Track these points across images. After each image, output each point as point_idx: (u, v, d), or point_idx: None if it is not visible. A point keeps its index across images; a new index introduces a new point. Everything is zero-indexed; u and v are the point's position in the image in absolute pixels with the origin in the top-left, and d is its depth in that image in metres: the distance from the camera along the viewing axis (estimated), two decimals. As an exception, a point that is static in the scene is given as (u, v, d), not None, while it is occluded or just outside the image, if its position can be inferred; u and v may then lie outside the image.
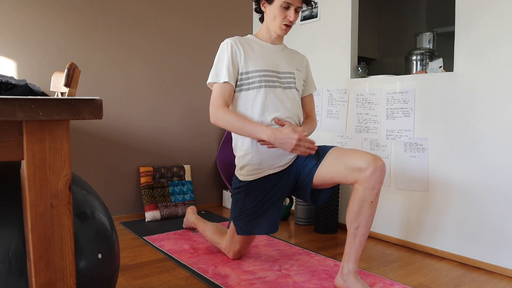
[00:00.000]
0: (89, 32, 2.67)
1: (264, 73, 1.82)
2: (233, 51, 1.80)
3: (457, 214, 2.14)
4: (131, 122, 2.87)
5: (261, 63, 1.83)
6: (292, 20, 1.81)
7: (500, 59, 1.97)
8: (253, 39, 1.92)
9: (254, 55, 1.84)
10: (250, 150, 1.83)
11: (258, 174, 1.86)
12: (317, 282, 1.81)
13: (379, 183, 1.63)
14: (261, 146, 1.79)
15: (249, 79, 1.81)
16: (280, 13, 1.80)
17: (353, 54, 2.71)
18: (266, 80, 1.81)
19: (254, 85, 1.80)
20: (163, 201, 2.92)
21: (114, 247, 1.11)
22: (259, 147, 1.80)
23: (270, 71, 1.83)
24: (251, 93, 1.80)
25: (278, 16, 1.81)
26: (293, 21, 1.82)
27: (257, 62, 1.83)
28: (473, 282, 1.86)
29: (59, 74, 1.69)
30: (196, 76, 3.18)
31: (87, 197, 1.10)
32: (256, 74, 1.81)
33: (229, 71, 1.78)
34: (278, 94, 1.83)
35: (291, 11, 1.79)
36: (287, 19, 1.81)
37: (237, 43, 1.83)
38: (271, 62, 1.86)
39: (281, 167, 1.85)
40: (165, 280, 1.82)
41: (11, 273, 0.87)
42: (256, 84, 1.80)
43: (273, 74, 1.84)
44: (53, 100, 0.71)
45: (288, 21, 1.81)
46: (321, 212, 2.60)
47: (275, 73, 1.85)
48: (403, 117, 2.36)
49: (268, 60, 1.85)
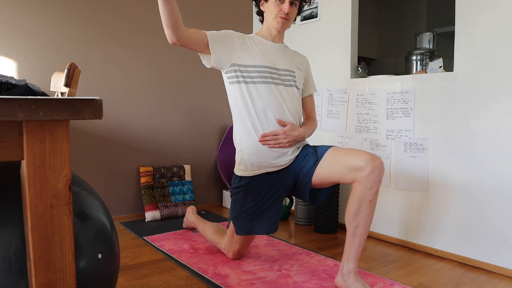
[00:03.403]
0: (89, 32, 2.67)
1: (265, 69, 1.83)
2: (231, 35, 1.83)
3: (457, 214, 2.14)
4: (131, 122, 2.87)
5: (262, 59, 1.85)
6: (287, 12, 1.82)
7: (500, 59, 1.97)
8: (255, 36, 1.93)
9: (255, 51, 1.86)
10: (247, 145, 1.84)
11: (256, 171, 1.86)
12: (317, 282, 1.81)
13: (378, 182, 1.63)
14: (258, 140, 1.82)
15: (249, 72, 1.82)
16: (275, 7, 1.83)
17: (353, 54, 2.71)
18: (266, 76, 1.82)
19: (255, 79, 1.81)
20: (163, 201, 2.92)
21: (114, 247, 1.11)
22: (256, 143, 1.82)
23: (271, 68, 1.85)
24: (252, 87, 1.81)
25: (274, 10, 1.84)
26: (288, 13, 1.83)
27: (258, 57, 1.84)
28: (473, 282, 1.87)
29: (59, 74, 1.69)
30: (196, 76, 3.18)
31: (87, 197, 1.10)
32: (257, 69, 1.82)
33: (215, 36, 1.78)
34: (279, 91, 1.84)
35: (286, 3, 1.82)
36: (282, 11, 1.82)
37: (239, 35, 1.87)
38: (271, 59, 1.87)
39: (280, 167, 1.86)
40: (165, 280, 1.82)
41: (11, 273, 0.87)
42: (257, 79, 1.81)
43: (273, 71, 1.85)
44: (53, 100, 0.71)
45: (283, 13, 1.82)
46: (321, 212, 2.60)
47: (275, 69, 1.86)
48: (403, 117, 2.36)
49: (268, 56, 1.87)
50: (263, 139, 1.81)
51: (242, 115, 1.84)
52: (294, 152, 1.87)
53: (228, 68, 1.82)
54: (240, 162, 1.89)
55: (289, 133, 1.81)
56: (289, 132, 1.81)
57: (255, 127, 1.82)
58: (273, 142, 1.80)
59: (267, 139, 1.80)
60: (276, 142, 1.80)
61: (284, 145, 1.81)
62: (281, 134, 1.80)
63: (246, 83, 1.82)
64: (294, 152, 1.87)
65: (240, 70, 1.82)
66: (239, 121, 1.86)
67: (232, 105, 1.89)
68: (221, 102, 3.32)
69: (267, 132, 1.81)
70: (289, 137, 1.81)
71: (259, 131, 1.82)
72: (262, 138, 1.81)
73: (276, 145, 1.80)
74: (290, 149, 1.85)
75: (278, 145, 1.81)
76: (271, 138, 1.80)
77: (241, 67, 1.82)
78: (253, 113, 1.81)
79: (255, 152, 1.83)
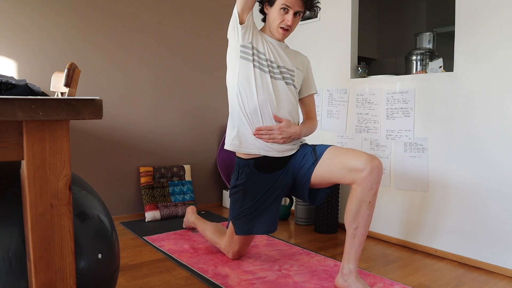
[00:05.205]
0: (89, 32, 2.67)
1: (269, 63, 1.85)
2: (252, 20, 1.85)
3: (457, 214, 2.14)
4: (131, 122, 2.87)
5: (268, 53, 1.86)
6: (290, 24, 1.81)
7: (500, 59, 1.97)
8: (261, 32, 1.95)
9: (263, 44, 1.87)
10: (238, 123, 1.86)
11: (250, 150, 1.85)
12: (317, 282, 1.81)
13: (377, 183, 1.63)
14: (250, 122, 1.83)
15: (260, 59, 1.83)
16: (279, 16, 1.82)
17: (353, 54, 2.71)
18: (270, 71, 1.84)
19: (264, 68, 1.82)
20: (163, 201, 2.92)
21: (114, 247, 1.11)
22: (246, 123, 1.84)
23: (272, 62, 1.86)
24: (258, 73, 1.82)
25: (276, 18, 1.83)
26: (291, 25, 1.83)
27: (265, 50, 1.86)
28: (473, 282, 1.87)
29: (59, 74, 1.69)
30: (196, 76, 3.18)
31: (87, 197, 1.10)
32: (265, 59, 1.84)
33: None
34: (279, 86, 1.85)
35: (290, 14, 1.80)
36: (284, 22, 1.82)
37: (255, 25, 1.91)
38: (274, 56, 1.88)
39: (279, 154, 1.85)
40: (165, 280, 1.82)
41: (11, 273, 0.87)
42: (265, 68, 1.82)
43: (275, 65, 1.86)
44: (53, 100, 0.71)
45: (286, 24, 1.82)
46: (321, 212, 2.60)
47: (277, 66, 1.87)
48: (403, 117, 2.36)
49: (272, 52, 1.88)
50: (258, 133, 1.82)
51: (243, 88, 1.83)
52: (293, 146, 1.88)
53: (247, 43, 1.82)
54: (234, 137, 1.87)
55: (284, 129, 1.82)
56: (285, 129, 1.82)
57: (252, 118, 1.84)
58: (267, 137, 1.82)
59: (262, 133, 1.82)
60: (270, 137, 1.81)
61: (278, 140, 1.82)
62: (276, 130, 1.81)
63: (253, 65, 1.82)
64: (294, 146, 1.88)
65: (256, 54, 1.83)
66: (237, 94, 1.86)
67: (232, 78, 1.87)
68: (221, 102, 3.32)
69: (262, 126, 1.82)
70: (284, 133, 1.82)
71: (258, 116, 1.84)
72: (256, 131, 1.82)
73: (270, 139, 1.82)
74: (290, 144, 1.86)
75: (272, 140, 1.82)
76: (266, 132, 1.82)
77: (255, 51, 1.83)
78: (251, 99, 1.82)
79: (242, 129, 1.85)
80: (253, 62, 1.82)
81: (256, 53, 1.83)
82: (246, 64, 1.83)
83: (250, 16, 1.81)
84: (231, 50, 1.88)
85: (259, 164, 1.87)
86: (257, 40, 1.85)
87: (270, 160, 1.86)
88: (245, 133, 1.85)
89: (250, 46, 1.83)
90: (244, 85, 1.83)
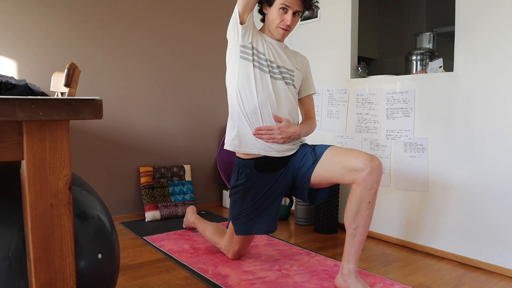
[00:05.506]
0: (89, 32, 2.67)
1: (269, 63, 1.85)
2: (252, 21, 1.86)
3: (457, 214, 2.14)
4: (131, 122, 2.87)
5: (267, 53, 1.86)
6: (289, 24, 1.82)
7: (500, 59, 1.97)
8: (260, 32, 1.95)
9: (263, 44, 1.87)
10: (237, 122, 1.86)
11: (250, 150, 1.85)
12: (317, 282, 1.81)
13: (377, 183, 1.63)
14: (249, 122, 1.83)
15: (260, 60, 1.83)
16: (278, 16, 1.82)
17: (353, 54, 2.71)
18: (269, 70, 1.84)
19: (264, 68, 1.82)
20: (163, 201, 2.92)
21: (114, 247, 1.11)
22: (245, 123, 1.84)
23: (272, 62, 1.86)
24: (257, 72, 1.82)
25: (276, 18, 1.83)
26: (290, 25, 1.83)
27: (264, 50, 1.86)
28: (473, 282, 1.87)
29: (59, 74, 1.69)
30: (196, 76, 3.18)
31: (87, 197, 1.10)
32: (264, 59, 1.84)
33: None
34: (278, 86, 1.85)
35: (289, 14, 1.81)
36: (283, 22, 1.82)
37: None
38: (274, 56, 1.88)
39: (279, 154, 1.86)
40: (165, 280, 1.82)
41: (11, 273, 0.87)
42: (265, 68, 1.83)
43: (274, 65, 1.86)
44: (53, 100, 0.71)
45: (285, 24, 1.82)
46: (321, 212, 2.60)
47: (277, 66, 1.87)
48: (403, 117, 2.36)
49: (272, 53, 1.88)
50: (257, 133, 1.82)
51: (243, 88, 1.83)
52: (293, 145, 1.88)
53: (247, 43, 1.83)
54: (234, 137, 1.87)
55: (284, 129, 1.82)
56: (284, 129, 1.82)
57: (252, 116, 1.84)
58: (267, 137, 1.82)
59: (262, 133, 1.82)
60: (270, 137, 1.81)
61: (278, 140, 1.82)
62: (276, 130, 1.81)
63: (254, 67, 1.83)
64: (294, 146, 1.88)
65: (256, 54, 1.83)
66: (237, 95, 1.86)
67: (232, 78, 1.87)
68: (221, 102, 3.32)
69: (262, 126, 1.82)
70: (283, 133, 1.82)
71: (258, 117, 1.83)
72: (256, 131, 1.82)
73: (270, 139, 1.82)
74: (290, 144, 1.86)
75: (272, 140, 1.82)
76: (265, 132, 1.82)
77: (255, 51, 1.84)
78: (251, 99, 1.82)
79: (242, 128, 1.85)
80: (253, 62, 1.82)
81: (256, 53, 1.83)
82: (246, 64, 1.83)
83: (250, 16, 1.81)
84: (230, 50, 1.88)
85: (259, 164, 1.87)
86: (257, 40, 1.85)
87: (270, 160, 1.86)
88: (245, 133, 1.85)
89: (250, 46, 1.83)
90: (244, 85, 1.83)
